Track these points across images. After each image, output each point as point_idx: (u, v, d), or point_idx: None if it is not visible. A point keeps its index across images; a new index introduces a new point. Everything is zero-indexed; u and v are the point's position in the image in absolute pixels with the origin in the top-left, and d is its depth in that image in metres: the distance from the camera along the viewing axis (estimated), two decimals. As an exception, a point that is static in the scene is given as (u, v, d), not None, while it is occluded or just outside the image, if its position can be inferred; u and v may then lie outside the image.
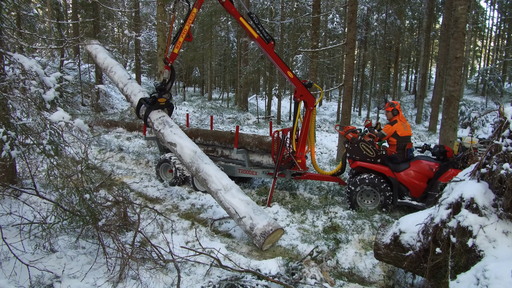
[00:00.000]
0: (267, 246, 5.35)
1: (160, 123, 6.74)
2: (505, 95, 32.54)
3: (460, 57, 8.79)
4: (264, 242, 5.17)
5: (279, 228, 5.38)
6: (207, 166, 6.01)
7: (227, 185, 5.78)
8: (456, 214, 3.25)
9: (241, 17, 7.30)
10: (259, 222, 5.26)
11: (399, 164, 7.05)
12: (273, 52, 7.44)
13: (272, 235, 5.27)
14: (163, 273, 4.41)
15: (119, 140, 13.67)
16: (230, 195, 5.64)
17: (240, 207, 5.47)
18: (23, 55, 4.12)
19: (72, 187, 4.02)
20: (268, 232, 5.17)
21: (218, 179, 5.84)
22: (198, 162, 6.08)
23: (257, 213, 5.44)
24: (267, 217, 5.45)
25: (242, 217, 5.41)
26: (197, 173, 6.02)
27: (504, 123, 3.11)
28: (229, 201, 5.59)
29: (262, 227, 5.20)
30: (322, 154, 13.60)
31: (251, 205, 5.57)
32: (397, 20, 24.76)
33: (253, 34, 7.33)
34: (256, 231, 5.22)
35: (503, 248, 2.95)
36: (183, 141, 6.45)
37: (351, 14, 11.34)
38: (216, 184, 5.79)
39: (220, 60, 37.12)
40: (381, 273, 4.74)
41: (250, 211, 5.44)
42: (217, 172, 5.98)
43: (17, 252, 4.06)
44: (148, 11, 30.78)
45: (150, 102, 6.95)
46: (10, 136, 3.42)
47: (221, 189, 5.70)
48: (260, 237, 5.18)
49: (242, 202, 5.56)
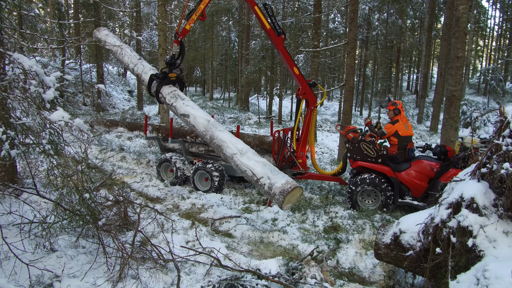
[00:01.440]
0: (287, 206, 5.24)
1: (171, 97, 6.71)
2: (507, 95, 32.44)
3: (461, 56, 8.77)
4: (283, 201, 5.05)
5: (298, 186, 5.27)
6: (221, 133, 5.98)
7: (243, 148, 5.72)
8: (456, 214, 3.24)
9: (256, 6, 7.17)
10: (278, 181, 5.18)
11: (400, 164, 7.04)
12: (282, 46, 7.36)
13: (291, 194, 5.16)
14: (163, 272, 4.40)
15: (120, 139, 13.69)
16: (246, 158, 5.57)
17: (257, 169, 5.41)
18: (23, 55, 4.12)
19: (72, 186, 4.02)
20: (287, 190, 5.06)
21: (233, 144, 5.80)
22: (212, 130, 6.04)
23: (275, 173, 5.37)
24: (285, 176, 5.38)
25: (259, 177, 5.33)
26: (212, 140, 5.98)
27: (504, 123, 3.10)
28: (246, 163, 5.51)
29: (281, 185, 5.12)
30: (323, 154, 13.59)
31: (268, 166, 5.50)
32: (398, 19, 24.71)
33: (266, 25, 7.23)
34: (274, 190, 5.13)
35: (504, 248, 2.94)
36: (196, 111, 6.41)
37: (352, 13, 11.33)
38: (232, 148, 5.74)
39: (222, 60, 37.12)
40: (382, 273, 4.73)
41: (267, 171, 5.38)
42: (231, 138, 5.93)
43: (17, 252, 4.06)
44: (149, 11, 30.82)
45: (161, 77, 6.92)
46: (10, 136, 3.42)
47: (237, 153, 5.64)
48: (280, 195, 5.07)
49: (258, 164, 5.49)
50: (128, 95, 27.13)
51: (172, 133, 8.90)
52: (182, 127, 9.37)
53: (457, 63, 8.79)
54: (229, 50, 35.08)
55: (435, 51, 40.11)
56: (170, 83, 7.00)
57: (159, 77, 6.93)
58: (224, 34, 35.25)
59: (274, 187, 5.15)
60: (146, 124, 9.52)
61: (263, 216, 6.79)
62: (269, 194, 5.25)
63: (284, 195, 5.03)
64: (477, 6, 33.51)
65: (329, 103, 35.27)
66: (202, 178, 8.48)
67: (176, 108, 6.61)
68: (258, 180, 5.34)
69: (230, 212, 6.92)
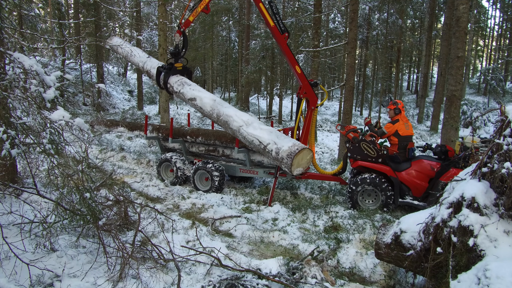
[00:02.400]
0: (297, 170, 5.19)
1: (179, 84, 6.87)
2: (507, 95, 32.42)
3: (461, 56, 8.77)
4: (292, 164, 5.00)
5: (306, 148, 5.24)
6: (227, 109, 6.08)
7: (248, 120, 5.80)
8: (457, 213, 3.23)
9: (261, 3, 7.22)
10: (284, 144, 5.19)
11: (400, 164, 7.03)
12: (285, 44, 7.37)
13: (299, 156, 5.12)
14: (163, 272, 4.40)
15: (120, 139, 13.69)
16: (252, 128, 5.64)
17: (263, 136, 5.46)
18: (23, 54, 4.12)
19: (72, 186, 4.02)
20: (294, 152, 5.04)
21: (238, 117, 5.87)
22: (218, 108, 6.15)
23: (281, 138, 5.40)
24: (291, 139, 5.39)
25: (266, 144, 5.37)
26: (219, 117, 6.07)
27: (505, 122, 3.09)
28: (252, 133, 5.57)
29: (288, 148, 5.11)
30: (324, 153, 13.59)
31: (274, 133, 5.53)
32: (398, 19, 24.70)
33: (270, 22, 7.26)
34: (282, 154, 5.12)
35: (504, 248, 2.93)
36: (202, 93, 6.55)
37: (352, 13, 11.32)
38: (237, 121, 5.81)
39: (222, 60, 37.10)
40: (382, 273, 4.73)
41: (273, 137, 5.41)
42: (237, 112, 6.01)
43: (17, 251, 4.05)
44: (149, 10, 30.81)
45: (167, 68, 7.12)
46: (10, 135, 3.41)
47: (243, 125, 5.71)
48: (287, 158, 5.05)
49: (264, 131, 5.54)
50: (128, 95, 27.12)
51: (172, 133, 8.90)
52: (182, 127, 9.37)
53: (457, 62, 8.79)
54: (229, 50, 35.07)
55: (435, 51, 40.08)
56: (177, 73, 7.15)
57: (166, 68, 7.13)
58: (224, 34, 35.22)
59: (281, 150, 5.14)
60: (146, 124, 9.52)
61: (263, 216, 6.79)
62: (277, 160, 5.24)
63: (292, 157, 5.01)
64: (477, 6, 33.49)
65: (329, 103, 35.25)
66: (202, 178, 8.47)
67: (184, 94, 6.73)
68: (265, 148, 5.36)
69: (230, 212, 6.91)
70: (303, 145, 5.26)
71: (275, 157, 5.30)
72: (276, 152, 5.24)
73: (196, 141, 8.86)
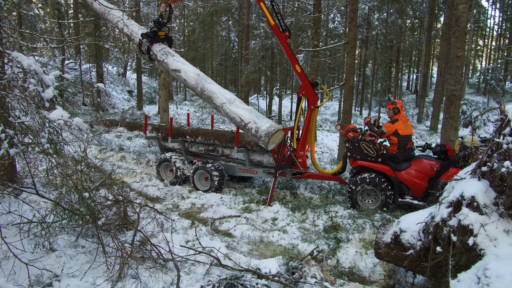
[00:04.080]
0: (271, 146, 5.93)
1: (162, 54, 7.10)
2: (507, 94, 32.42)
3: (461, 56, 8.76)
4: (268, 142, 5.74)
5: (280, 129, 5.95)
6: (211, 85, 6.47)
7: (231, 98, 6.24)
8: (457, 212, 3.22)
9: (262, 2, 7.31)
10: (263, 125, 5.82)
11: (400, 163, 7.03)
12: (285, 43, 7.40)
13: (275, 136, 5.84)
14: (162, 272, 4.39)
15: (119, 139, 13.67)
16: (235, 106, 6.12)
17: (244, 115, 6.00)
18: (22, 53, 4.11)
19: (71, 186, 4.01)
20: (271, 132, 5.73)
21: (222, 94, 6.29)
22: (202, 83, 6.49)
23: (260, 118, 5.99)
24: (269, 120, 5.99)
25: (247, 123, 5.96)
26: (203, 92, 6.43)
27: (505, 121, 3.09)
28: (234, 111, 6.07)
29: (266, 128, 5.77)
30: (323, 153, 13.58)
31: (254, 113, 6.07)
32: (398, 19, 24.70)
33: (270, 21, 7.33)
34: (261, 132, 5.78)
35: (504, 247, 2.92)
36: (186, 66, 6.85)
37: (352, 13, 11.32)
38: (221, 98, 6.23)
39: (221, 60, 37.09)
40: (382, 272, 4.72)
41: (253, 117, 5.99)
42: (220, 89, 6.42)
43: (16, 251, 4.05)
44: (149, 10, 30.75)
45: (151, 35, 7.31)
46: (9, 135, 3.40)
47: (226, 102, 6.16)
48: (265, 137, 5.74)
49: (245, 111, 6.06)
50: (128, 95, 27.10)
51: (171, 133, 8.89)
52: (182, 127, 9.36)
53: (457, 62, 8.78)
54: (229, 50, 35.06)
55: (435, 51, 40.07)
56: (160, 41, 7.38)
57: (149, 35, 7.30)
58: (223, 34, 35.21)
59: (260, 130, 5.80)
60: (146, 124, 9.51)
61: (263, 215, 6.78)
62: (256, 137, 5.88)
63: (269, 136, 5.73)
64: (477, 6, 33.50)
65: (329, 102, 35.25)
66: (201, 178, 8.47)
67: (168, 64, 6.98)
68: (246, 125, 5.95)
69: (230, 212, 6.91)
70: (278, 126, 5.92)
71: (254, 134, 5.92)
72: (255, 131, 5.88)
73: (195, 141, 8.85)
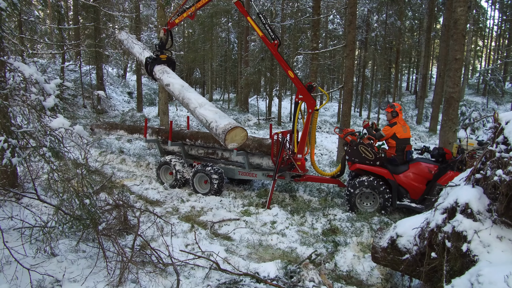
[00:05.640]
0: (231, 144, 6.27)
1: (161, 72, 8.15)
2: (506, 95, 32.48)
3: (459, 58, 8.79)
4: (225, 138, 6.12)
5: (239, 127, 6.31)
6: (189, 93, 7.34)
7: (202, 102, 7.02)
8: (451, 219, 3.28)
9: (249, 16, 7.86)
10: (222, 123, 6.33)
11: (398, 166, 7.08)
12: (275, 51, 7.66)
13: (233, 133, 6.19)
14: (162, 276, 4.44)
15: (120, 142, 13.72)
16: (204, 109, 6.86)
17: (209, 116, 6.64)
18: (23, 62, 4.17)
19: (72, 192, 4.06)
20: (227, 129, 6.13)
21: (196, 100, 7.10)
22: (183, 92, 7.37)
23: (222, 117, 6.58)
24: (229, 119, 6.50)
25: (210, 122, 6.53)
26: (183, 100, 7.31)
27: (498, 129, 3.14)
28: (202, 113, 6.77)
29: (223, 126, 6.23)
30: (322, 155, 13.63)
31: (218, 114, 6.73)
32: (397, 21, 24.75)
33: (259, 33, 7.81)
34: (218, 130, 6.26)
35: (497, 253, 2.98)
36: (175, 80, 7.84)
37: (350, 16, 11.36)
38: (194, 103, 7.03)
39: (221, 61, 37.15)
40: (379, 276, 4.78)
41: (216, 117, 6.59)
42: (196, 96, 7.26)
43: (18, 256, 4.10)
44: (149, 12, 30.83)
45: (153, 58, 8.40)
46: (11, 144, 3.46)
47: (197, 106, 6.93)
48: (222, 134, 6.16)
49: (211, 112, 6.75)
50: (128, 97, 27.16)
51: (171, 136, 8.95)
52: (182, 130, 9.41)
53: (455, 65, 8.82)
54: (229, 51, 35.13)
55: (434, 52, 40.12)
56: (161, 63, 8.38)
57: (152, 58, 8.38)
58: (223, 35, 35.29)
59: (218, 127, 6.30)
60: (146, 127, 9.57)
61: (262, 218, 6.83)
62: (216, 135, 6.39)
63: (225, 133, 6.12)
64: (476, 6, 33.53)
65: (329, 104, 35.29)
66: (201, 181, 8.52)
67: (162, 80, 8.00)
68: (209, 124, 6.54)
69: (229, 215, 6.97)
70: (237, 124, 6.34)
71: (215, 132, 6.39)
72: (215, 129, 6.34)
73: (195, 144, 8.91)
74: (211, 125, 6.50)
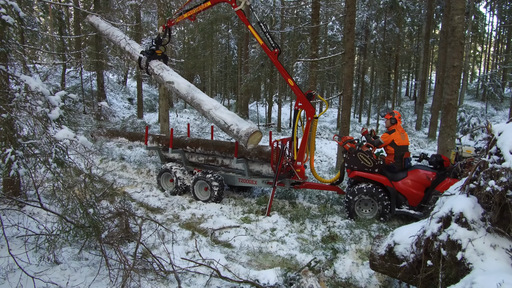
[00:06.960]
0: (250, 146, 6.93)
1: (159, 68, 8.19)
2: (505, 101, 32.61)
3: (457, 65, 8.90)
4: (248, 140, 6.71)
5: (257, 131, 6.95)
6: (199, 94, 7.55)
7: (216, 105, 7.33)
8: (446, 227, 3.36)
9: (250, 25, 7.96)
10: (243, 127, 6.88)
11: (396, 173, 7.16)
12: (275, 59, 7.74)
13: (253, 136, 6.83)
14: (164, 284, 4.51)
15: (120, 149, 13.80)
16: (220, 112, 7.20)
17: (228, 118, 7.08)
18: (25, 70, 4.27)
19: (76, 201, 4.15)
20: (250, 132, 6.72)
21: (209, 101, 7.37)
22: (192, 93, 7.56)
23: (241, 121, 7.11)
24: (248, 123, 7.02)
25: (230, 125, 7.00)
26: (193, 100, 7.51)
27: (491, 140, 3.23)
28: (219, 115, 7.14)
29: (246, 129, 6.79)
30: (322, 162, 13.71)
31: (236, 117, 7.17)
32: (396, 27, 24.93)
33: (259, 41, 7.92)
34: (241, 133, 6.79)
35: (491, 261, 3.05)
36: (179, 79, 7.94)
37: (349, 24, 11.50)
38: (208, 105, 7.30)
39: (221, 67, 37.36)
40: (377, 283, 4.84)
41: (235, 120, 7.07)
42: (207, 98, 7.53)
43: (22, 264, 4.17)
44: (149, 19, 31.03)
45: (150, 53, 8.39)
46: (18, 156, 3.55)
47: (212, 108, 7.24)
48: (245, 137, 6.71)
49: (229, 115, 7.16)
50: (128, 103, 27.27)
51: (172, 143, 9.03)
52: (182, 137, 9.50)
53: (453, 72, 8.93)
54: (229, 57, 35.32)
55: (433, 58, 40.33)
56: (157, 58, 8.42)
57: (148, 52, 8.39)
58: (223, 41, 35.49)
59: (240, 131, 6.84)
60: (146, 134, 9.66)
61: (262, 226, 6.90)
62: (237, 137, 6.90)
63: (248, 136, 6.72)
64: (474, 12, 33.75)
65: (329, 110, 35.42)
66: (201, 188, 8.59)
67: (163, 77, 8.04)
68: (229, 127, 7.01)
69: (229, 222, 7.03)
70: (256, 128, 6.94)
71: (235, 135, 6.91)
72: (237, 131, 6.88)
73: (195, 151, 8.99)
74: (231, 128, 6.97)
